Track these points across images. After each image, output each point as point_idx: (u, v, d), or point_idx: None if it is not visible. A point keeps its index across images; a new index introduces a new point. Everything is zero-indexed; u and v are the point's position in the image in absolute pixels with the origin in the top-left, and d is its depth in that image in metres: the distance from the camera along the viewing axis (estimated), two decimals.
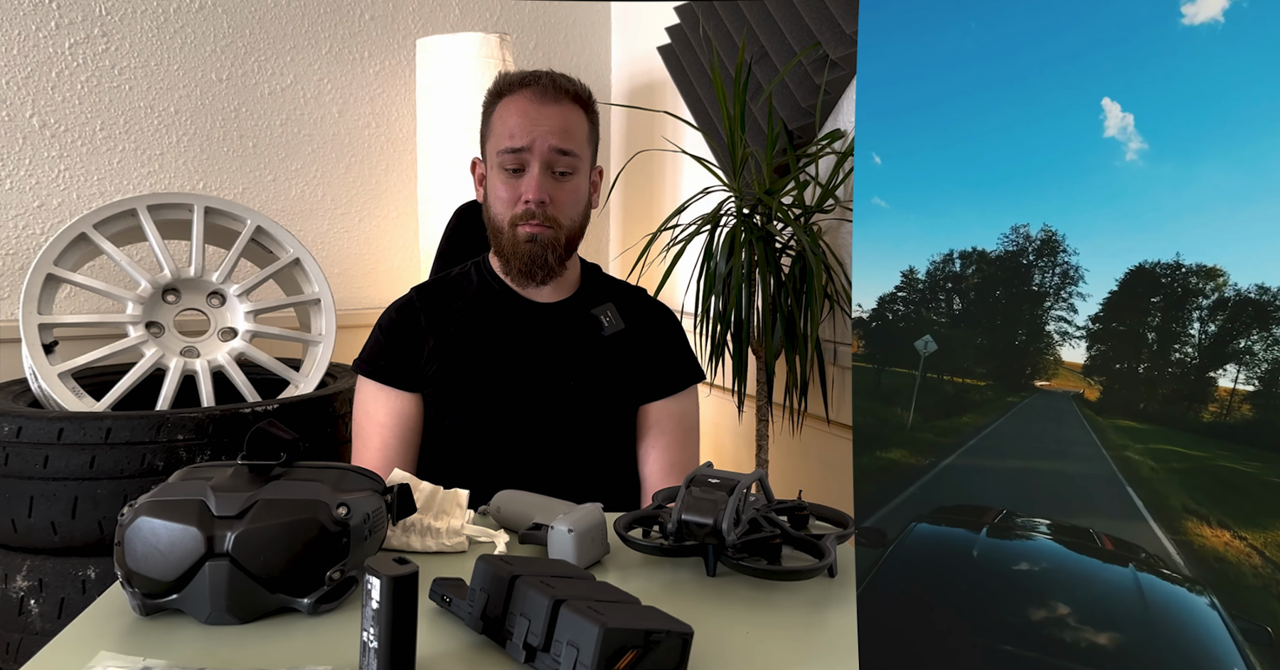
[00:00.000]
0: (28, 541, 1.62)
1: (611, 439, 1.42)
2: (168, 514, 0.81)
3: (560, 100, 1.36)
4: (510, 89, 1.38)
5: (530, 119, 1.34)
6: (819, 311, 1.85)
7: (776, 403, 2.07)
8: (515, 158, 1.35)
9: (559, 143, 1.34)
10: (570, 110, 1.37)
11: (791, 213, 1.96)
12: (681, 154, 2.39)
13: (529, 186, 1.34)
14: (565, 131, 1.35)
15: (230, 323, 1.94)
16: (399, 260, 2.65)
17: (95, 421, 1.58)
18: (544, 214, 1.35)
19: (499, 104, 1.39)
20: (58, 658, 0.75)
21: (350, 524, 0.85)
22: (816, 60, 2.00)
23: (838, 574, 0.96)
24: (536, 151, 1.34)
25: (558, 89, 1.37)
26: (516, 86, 1.38)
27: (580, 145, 1.38)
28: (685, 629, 0.73)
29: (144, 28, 2.27)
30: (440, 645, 0.79)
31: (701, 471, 0.98)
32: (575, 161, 1.37)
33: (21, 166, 2.17)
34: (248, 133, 2.42)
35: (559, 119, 1.35)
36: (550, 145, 1.34)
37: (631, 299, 1.49)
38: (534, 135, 1.34)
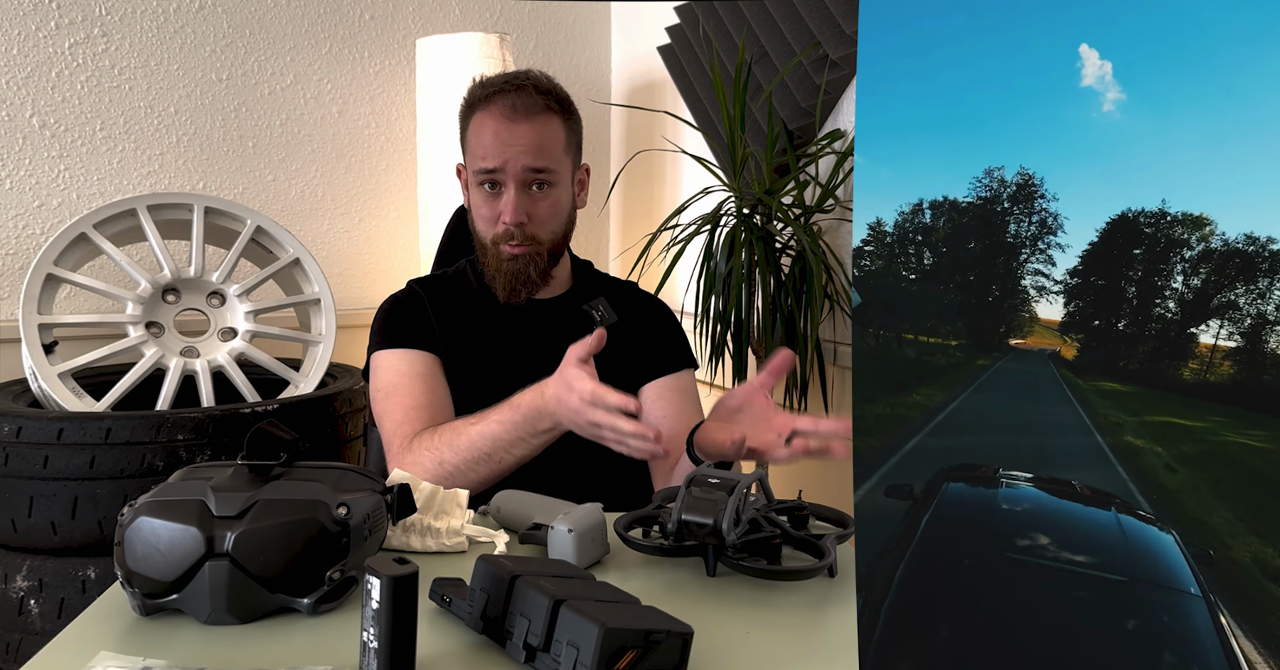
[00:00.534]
0: (28, 541, 1.62)
1: None
2: (168, 514, 0.81)
3: (533, 115, 1.33)
4: (484, 102, 1.36)
5: (502, 139, 1.33)
6: (819, 311, 1.85)
7: (776, 402, 2.07)
8: (490, 176, 1.35)
9: (532, 162, 1.33)
10: (543, 123, 1.34)
11: (791, 213, 1.96)
12: (681, 154, 2.39)
13: (506, 209, 1.34)
14: (539, 149, 1.33)
15: (230, 323, 1.94)
16: (399, 260, 2.65)
17: (95, 421, 1.58)
18: (523, 233, 1.35)
19: (473, 117, 1.37)
20: (58, 658, 0.75)
21: (350, 524, 0.85)
22: (816, 60, 2.00)
23: (838, 574, 0.96)
24: (510, 172, 1.33)
25: (529, 103, 1.33)
26: (492, 98, 1.35)
27: (557, 158, 1.36)
28: (685, 629, 0.73)
29: (144, 28, 2.27)
30: (440, 645, 0.79)
31: (701, 471, 0.98)
32: (552, 175, 1.36)
33: (21, 166, 2.17)
34: (248, 133, 2.42)
35: (531, 136, 1.33)
36: (523, 166, 1.33)
37: (623, 293, 1.50)
38: (506, 157, 1.32)
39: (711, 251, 1.98)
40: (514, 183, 1.34)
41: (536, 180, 1.35)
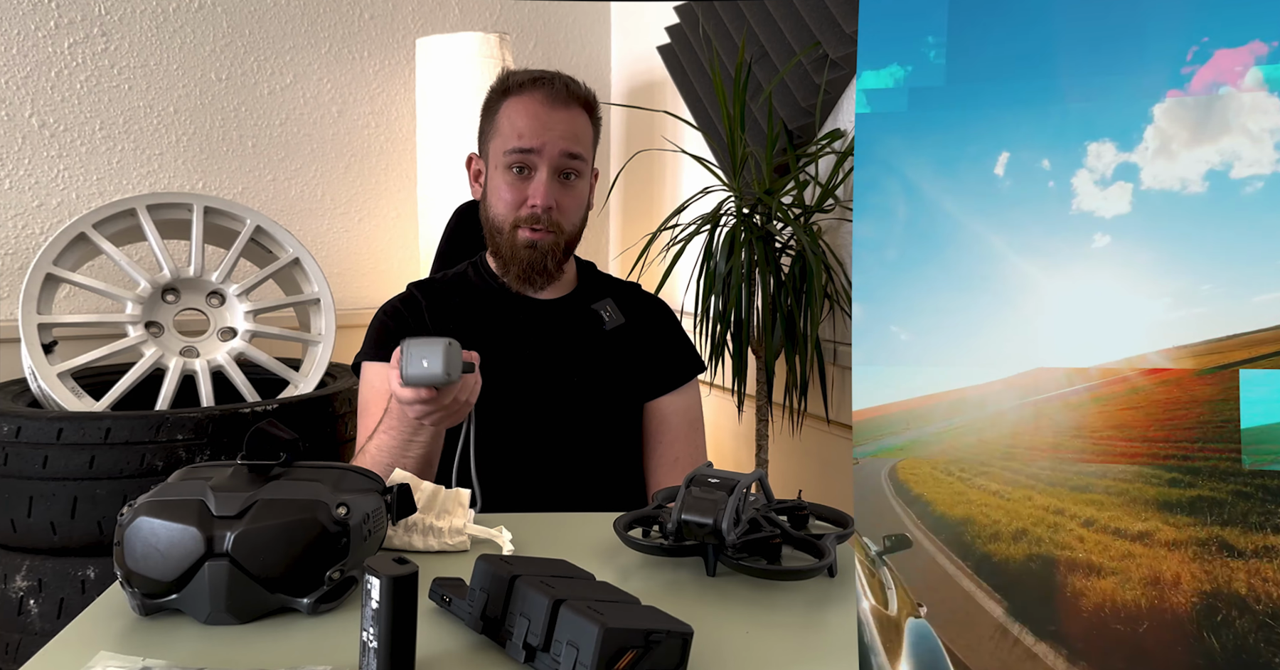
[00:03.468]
0: (27, 541, 1.62)
1: (615, 435, 1.42)
2: (167, 514, 0.81)
3: (570, 105, 1.36)
4: (519, 88, 1.37)
5: (542, 121, 1.34)
6: (819, 311, 1.85)
7: (776, 402, 2.07)
8: (523, 158, 1.34)
9: (569, 147, 1.34)
10: (578, 115, 1.37)
11: (791, 212, 1.96)
12: (681, 154, 2.39)
13: (537, 192, 1.34)
14: (575, 136, 1.35)
15: (230, 322, 1.93)
16: (399, 260, 2.65)
17: (94, 421, 1.58)
18: (549, 219, 1.35)
19: (506, 102, 1.38)
20: (57, 658, 0.75)
21: (350, 524, 0.84)
22: (816, 60, 2.00)
23: (837, 574, 0.96)
24: (546, 155, 1.34)
25: (569, 93, 1.36)
26: (527, 86, 1.36)
27: (587, 149, 1.38)
28: (685, 629, 0.73)
29: (143, 27, 2.27)
30: (440, 645, 0.79)
31: (701, 471, 0.98)
32: (582, 165, 1.37)
33: (21, 166, 2.17)
34: (247, 132, 2.41)
35: (569, 124, 1.35)
36: (561, 149, 1.34)
37: (628, 294, 1.50)
38: (545, 139, 1.33)
39: (711, 251, 1.98)
40: (547, 167, 1.34)
41: (568, 168, 1.36)
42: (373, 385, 1.39)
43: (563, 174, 1.36)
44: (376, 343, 1.40)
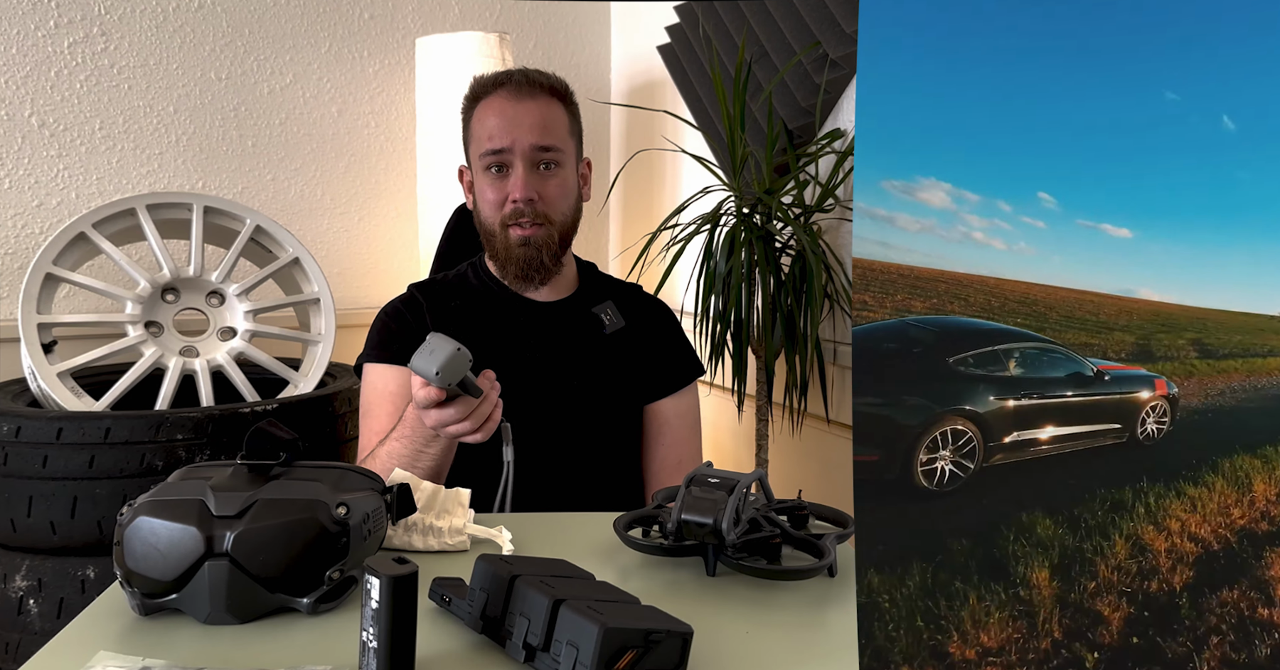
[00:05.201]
0: (27, 541, 1.62)
1: (616, 437, 1.42)
2: (167, 514, 0.81)
3: (536, 95, 1.36)
4: (485, 91, 1.38)
5: (509, 118, 1.34)
6: (819, 311, 1.85)
7: (776, 402, 2.07)
8: (497, 158, 1.35)
9: (539, 139, 1.34)
10: (547, 104, 1.36)
11: (791, 212, 1.96)
12: (681, 153, 2.38)
13: (515, 185, 1.34)
14: (544, 127, 1.35)
15: (230, 322, 1.93)
16: (399, 260, 2.65)
17: (94, 421, 1.58)
18: (534, 212, 1.35)
19: (476, 108, 1.39)
20: (57, 658, 0.75)
21: (350, 524, 0.84)
22: (816, 60, 2.00)
23: (837, 574, 0.96)
24: (518, 150, 1.33)
25: (531, 84, 1.36)
26: (491, 88, 1.37)
27: (562, 138, 1.37)
28: (685, 629, 0.73)
29: (143, 27, 2.27)
30: (440, 645, 0.79)
31: (701, 471, 0.98)
32: (559, 155, 1.36)
33: (20, 166, 2.17)
34: (247, 132, 2.41)
35: (536, 114, 1.35)
36: (531, 143, 1.34)
37: (629, 296, 1.49)
38: (515, 134, 1.33)
39: (711, 251, 1.98)
40: (522, 161, 1.34)
41: (544, 159, 1.35)
42: (375, 386, 1.39)
43: (540, 165, 1.35)
44: (378, 344, 1.40)
